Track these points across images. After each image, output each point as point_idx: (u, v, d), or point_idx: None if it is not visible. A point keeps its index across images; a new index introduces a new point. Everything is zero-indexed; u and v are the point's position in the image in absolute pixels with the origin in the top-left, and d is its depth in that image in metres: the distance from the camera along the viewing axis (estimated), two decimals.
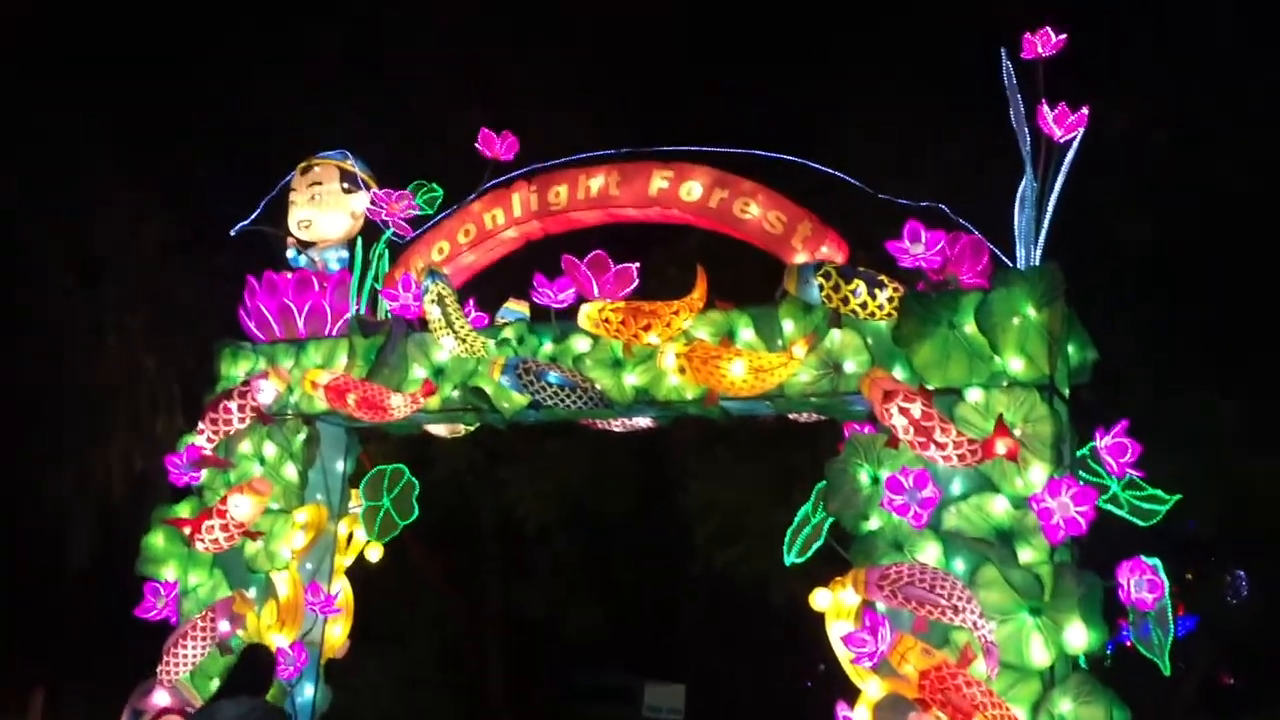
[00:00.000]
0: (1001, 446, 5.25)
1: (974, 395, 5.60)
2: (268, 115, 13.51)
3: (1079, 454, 5.74)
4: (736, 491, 12.78)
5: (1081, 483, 5.34)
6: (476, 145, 7.30)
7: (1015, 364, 5.57)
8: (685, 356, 6.00)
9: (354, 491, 7.53)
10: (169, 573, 7.24)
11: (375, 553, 7.51)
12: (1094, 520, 5.25)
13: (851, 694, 5.65)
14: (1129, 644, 5.52)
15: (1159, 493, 5.69)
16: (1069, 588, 5.22)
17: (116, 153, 14.16)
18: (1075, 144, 5.93)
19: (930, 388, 5.62)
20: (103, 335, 14.25)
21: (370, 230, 7.59)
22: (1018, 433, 5.39)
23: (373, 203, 7.35)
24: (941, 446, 5.38)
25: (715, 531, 13.33)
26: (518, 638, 18.66)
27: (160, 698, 6.83)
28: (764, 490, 12.12)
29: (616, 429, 7.18)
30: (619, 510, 15.86)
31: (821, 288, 5.79)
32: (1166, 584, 5.29)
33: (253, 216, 7.87)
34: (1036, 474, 5.39)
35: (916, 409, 5.41)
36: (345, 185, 7.69)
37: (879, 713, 5.42)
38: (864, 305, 5.78)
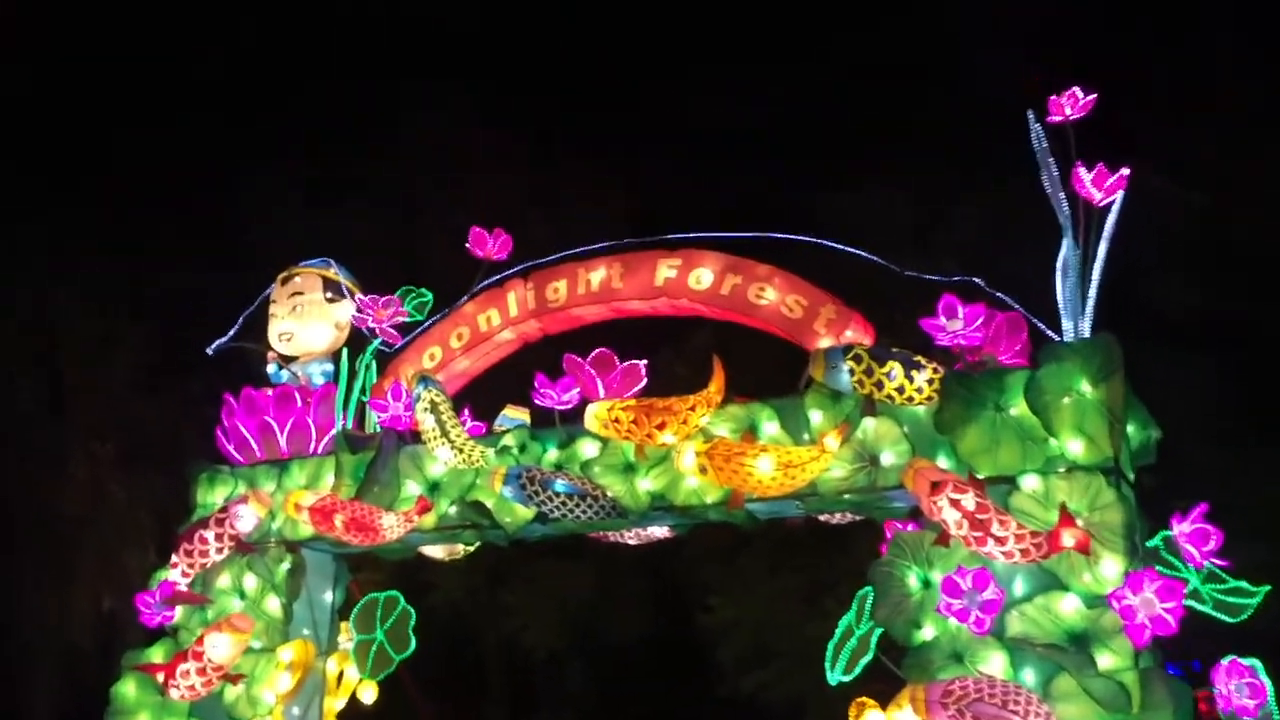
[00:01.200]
0: (1069, 538, 4.74)
1: (1030, 483, 5.06)
2: (249, 226, 13.23)
3: (1149, 544, 5.16)
4: (763, 605, 12.04)
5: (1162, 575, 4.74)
6: (468, 245, 6.90)
7: (1074, 446, 5.05)
8: (706, 455, 5.45)
9: (344, 625, 7.00)
10: None
11: (369, 693, 6.95)
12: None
13: None
14: None
15: (1244, 584, 5.12)
16: (1161, 698, 4.61)
17: (86, 273, 13.75)
18: (1116, 207, 5.51)
19: (981, 477, 5.07)
20: (69, 465, 13.59)
21: (356, 340, 7.20)
22: (1082, 522, 4.83)
23: (358, 310, 6.96)
24: (1001, 541, 4.83)
25: (741, 651, 12.57)
26: None
27: None
28: (794, 602, 11.41)
29: (630, 541, 6.72)
30: (634, 632, 15.14)
31: (853, 372, 5.29)
32: (1270, 687, 4.71)
33: (231, 333, 7.49)
34: (1109, 568, 4.84)
35: (969, 500, 4.86)
36: (329, 294, 7.38)
37: None
38: (900, 389, 5.28)
